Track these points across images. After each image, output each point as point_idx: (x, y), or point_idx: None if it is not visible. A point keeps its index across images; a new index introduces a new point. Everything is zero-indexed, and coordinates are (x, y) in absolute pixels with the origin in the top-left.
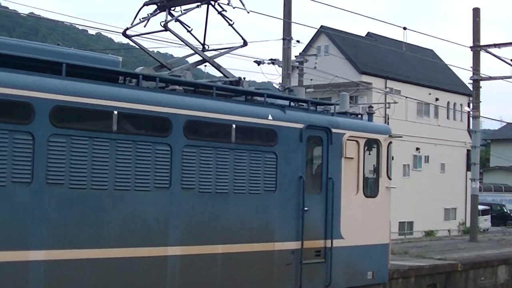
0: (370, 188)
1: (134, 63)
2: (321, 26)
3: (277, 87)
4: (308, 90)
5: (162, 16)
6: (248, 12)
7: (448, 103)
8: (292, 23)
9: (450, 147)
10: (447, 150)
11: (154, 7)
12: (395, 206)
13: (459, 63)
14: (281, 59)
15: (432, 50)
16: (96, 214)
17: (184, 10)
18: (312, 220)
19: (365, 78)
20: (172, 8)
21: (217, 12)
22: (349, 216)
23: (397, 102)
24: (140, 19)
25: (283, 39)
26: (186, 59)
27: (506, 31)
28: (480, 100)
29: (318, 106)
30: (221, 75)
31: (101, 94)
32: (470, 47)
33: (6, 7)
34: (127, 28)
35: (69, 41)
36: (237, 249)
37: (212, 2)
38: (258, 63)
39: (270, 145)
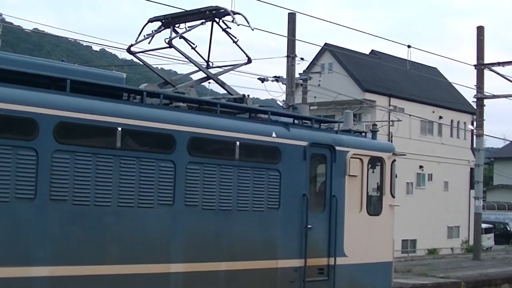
0: (374, 206)
1: (138, 79)
2: (325, 44)
3: (281, 104)
4: (312, 107)
5: (167, 33)
6: (253, 30)
7: (451, 121)
8: (296, 41)
9: (453, 165)
10: (451, 168)
11: (159, 23)
12: (398, 224)
13: (463, 81)
14: (285, 77)
15: (436, 68)
16: (99, 230)
17: (188, 27)
18: (315, 237)
19: (369, 96)
20: (177, 25)
21: (221, 29)
22: (352, 234)
23: (400, 120)
24: (144, 36)
25: (287, 56)
26: (190, 76)
27: (510, 49)
28: (484, 118)
29: (321, 124)
30: (225, 92)
31: (105, 111)
32: (474, 65)
33: (11, 23)
34: (132, 45)
35: (73, 57)
36: (240, 266)
37: (217, 19)
38: (262, 80)
39: (273, 162)
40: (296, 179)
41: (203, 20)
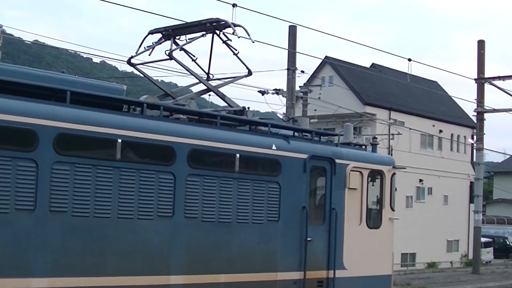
0: (373, 219)
1: (138, 91)
2: (326, 57)
3: (281, 117)
4: (312, 120)
5: (167, 44)
6: (253, 42)
7: (452, 135)
8: (297, 53)
9: (453, 179)
10: (451, 182)
11: (159, 35)
12: (397, 238)
13: (463, 95)
14: (285, 89)
15: (436, 82)
16: (99, 242)
17: (189, 39)
18: (315, 250)
19: (369, 109)
20: (177, 37)
21: (222, 42)
22: (352, 247)
23: (400, 134)
24: (145, 48)
25: (288, 69)
26: (191, 88)
27: (510, 62)
28: (484, 132)
29: (322, 137)
30: (226, 104)
31: (105, 122)
32: (475, 79)
33: (11, 35)
34: (132, 57)
35: (73, 69)
36: (240, 278)
37: (218, 32)
38: (263, 93)
39: (273, 175)
40: (296, 191)
41: (204, 32)
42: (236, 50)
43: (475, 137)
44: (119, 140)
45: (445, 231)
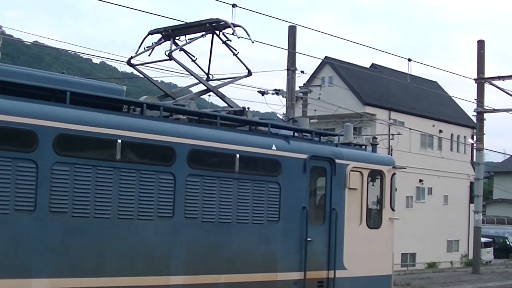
0: (373, 219)
1: (138, 92)
2: (326, 57)
3: (281, 117)
4: (312, 120)
5: (167, 45)
6: (253, 42)
7: (451, 135)
8: (297, 54)
9: (453, 179)
10: (451, 182)
11: (159, 36)
12: (398, 238)
13: (463, 95)
14: (285, 90)
15: (436, 82)
16: (99, 242)
17: (189, 39)
18: (315, 250)
19: (369, 109)
20: (177, 37)
21: (221, 42)
22: (352, 247)
23: (400, 134)
24: (144, 48)
25: (288, 69)
26: (190, 88)
27: (509, 62)
28: (484, 132)
29: (322, 137)
30: (225, 105)
31: (105, 123)
32: (474, 79)
33: (11, 35)
34: (132, 57)
35: (73, 70)
36: (240, 279)
37: (217, 32)
38: (262, 93)
39: (273, 175)
40: (296, 192)
41: (204, 33)
42: (236, 50)
43: (475, 137)
44: (119, 141)
45: (445, 231)
